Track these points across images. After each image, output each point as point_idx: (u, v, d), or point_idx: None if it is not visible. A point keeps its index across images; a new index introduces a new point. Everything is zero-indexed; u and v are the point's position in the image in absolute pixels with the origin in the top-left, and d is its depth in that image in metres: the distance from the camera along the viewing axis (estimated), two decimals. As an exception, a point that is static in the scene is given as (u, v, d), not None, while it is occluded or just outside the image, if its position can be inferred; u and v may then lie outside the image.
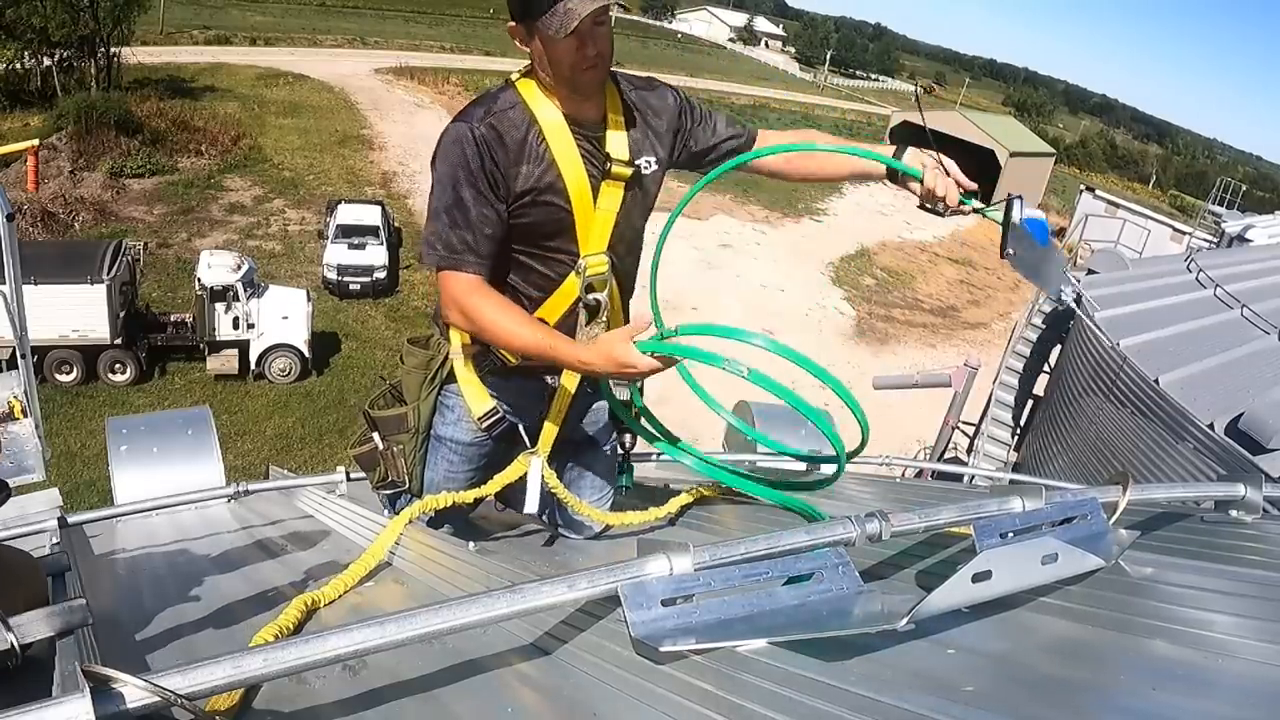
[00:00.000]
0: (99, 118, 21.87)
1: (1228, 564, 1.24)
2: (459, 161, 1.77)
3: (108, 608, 1.55)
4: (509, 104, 1.82)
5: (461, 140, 1.76)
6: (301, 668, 0.84)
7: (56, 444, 11.34)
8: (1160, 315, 7.51)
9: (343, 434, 13.16)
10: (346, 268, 17.66)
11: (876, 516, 1.13)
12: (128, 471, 2.34)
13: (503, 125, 1.79)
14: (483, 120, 1.78)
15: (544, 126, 1.82)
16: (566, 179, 1.84)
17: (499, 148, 1.78)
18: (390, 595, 1.66)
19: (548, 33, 1.69)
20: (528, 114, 1.82)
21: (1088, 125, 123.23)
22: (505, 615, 0.93)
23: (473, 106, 1.83)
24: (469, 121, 1.78)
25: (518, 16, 1.76)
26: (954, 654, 1.03)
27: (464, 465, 2.14)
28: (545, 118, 1.82)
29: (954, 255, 30.58)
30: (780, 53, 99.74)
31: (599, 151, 1.88)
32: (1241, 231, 14.40)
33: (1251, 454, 5.29)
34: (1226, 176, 33.91)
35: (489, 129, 1.77)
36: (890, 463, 3.50)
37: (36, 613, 0.90)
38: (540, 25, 1.70)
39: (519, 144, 1.80)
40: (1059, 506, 1.23)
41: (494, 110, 1.80)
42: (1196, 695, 0.91)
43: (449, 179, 1.78)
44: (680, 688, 0.97)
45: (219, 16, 45.27)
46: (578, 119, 1.85)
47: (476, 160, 1.77)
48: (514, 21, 1.78)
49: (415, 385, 2.06)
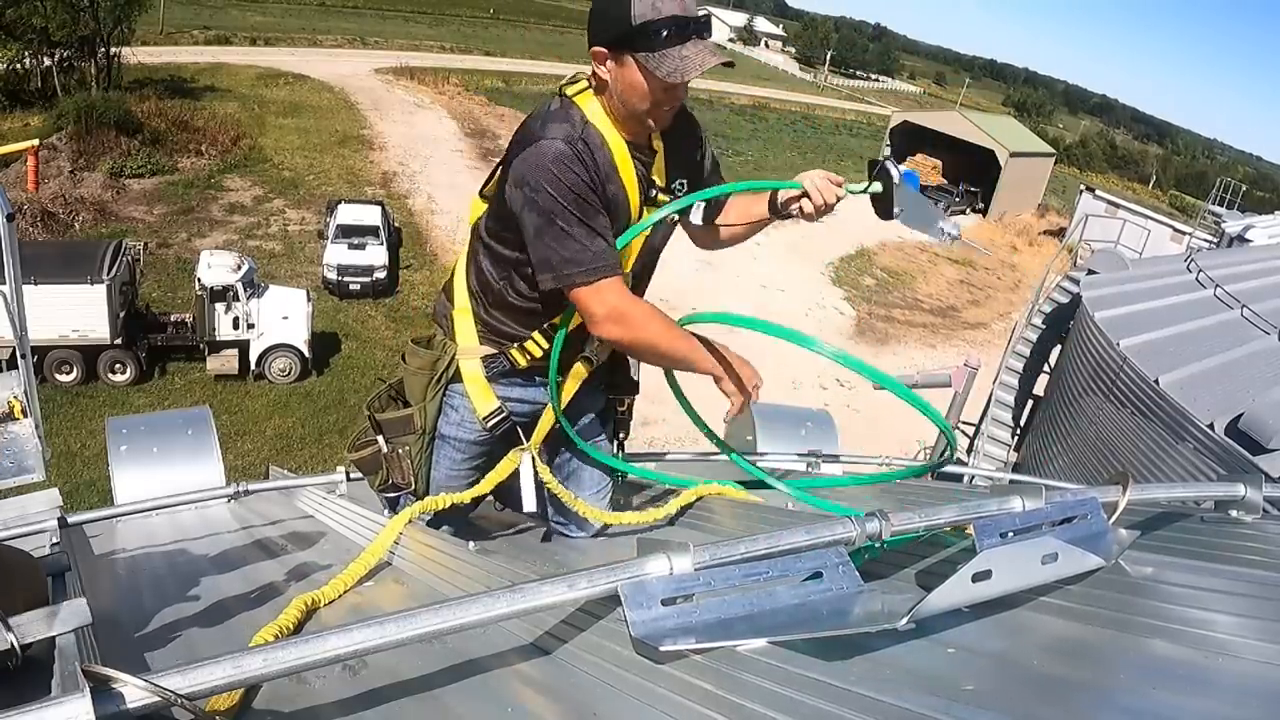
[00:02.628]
0: (99, 118, 21.86)
1: (1228, 564, 1.24)
2: (572, 179, 1.72)
3: (108, 608, 1.55)
4: (584, 123, 1.79)
5: (566, 158, 1.72)
6: (301, 668, 0.84)
7: (56, 444, 11.34)
8: (1160, 315, 7.51)
9: (343, 434, 13.16)
10: (346, 268, 17.66)
11: (876, 516, 1.13)
12: (128, 471, 2.34)
13: (592, 144, 1.78)
14: (576, 140, 1.75)
15: (614, 149, 1.82)
16: (630, 202, 1.87)
17: (594, 166, 1.77)
18: (390, 595, 1.66)
19: (652, 71, 1.68)
20: (600, 135, 1.80)
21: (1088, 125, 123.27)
22: (505, 615, 0.93)
23: (553, 124, 1.77)
24: (564, 140, 1.74)
25: (611, 44, 1.73)
26: (954, 653, 1.03)
27: (467, 463, 2.15)
28: (614, 141, 1.82)
29: (954, 255, 30.57)
30: (780, 53, 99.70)
31: (647, 176, 1.91)
32: (1241, 232, 14.40)
33: (1251, 454, 5.29)
34: (1226, 177, 33.88)
35: (584, 147, 1.75)
36: (890, 463, 3.49)
37: (36, 613, 0.90)
38: (643, 60, 1.68)
39: (606, 163, 1.81)
40: (1059, 506, 1.23)
41: (578, 129, 1.77)
42: (1196, 695, 0.91)
43: (567, 195, 1.72)
44: (680, 687, 0.97)
45: (219, 16, 45.26)
46: (635, 143, 1.86)
47: (586, 175, 1.75)
48: (601, 46, 1.75)
49: (420, 387, 2.06)
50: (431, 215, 22.97)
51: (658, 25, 1.64)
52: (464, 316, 2.02)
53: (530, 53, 54.35)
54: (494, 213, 1.91)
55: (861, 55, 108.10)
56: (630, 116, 1.80)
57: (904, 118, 40.28)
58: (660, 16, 1.64)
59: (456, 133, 31.58)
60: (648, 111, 1.77)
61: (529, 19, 73.97)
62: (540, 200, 1.72)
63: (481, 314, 2.01)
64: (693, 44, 1.68)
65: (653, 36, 1.65)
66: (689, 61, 1.67)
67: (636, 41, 1.67)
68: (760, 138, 41.88)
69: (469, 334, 2.02)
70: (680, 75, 1.67)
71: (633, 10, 1.65)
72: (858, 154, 43.63)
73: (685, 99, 1.84)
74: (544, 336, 1.97)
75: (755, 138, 41.25)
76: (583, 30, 1.81)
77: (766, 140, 41.94)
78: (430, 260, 20.52)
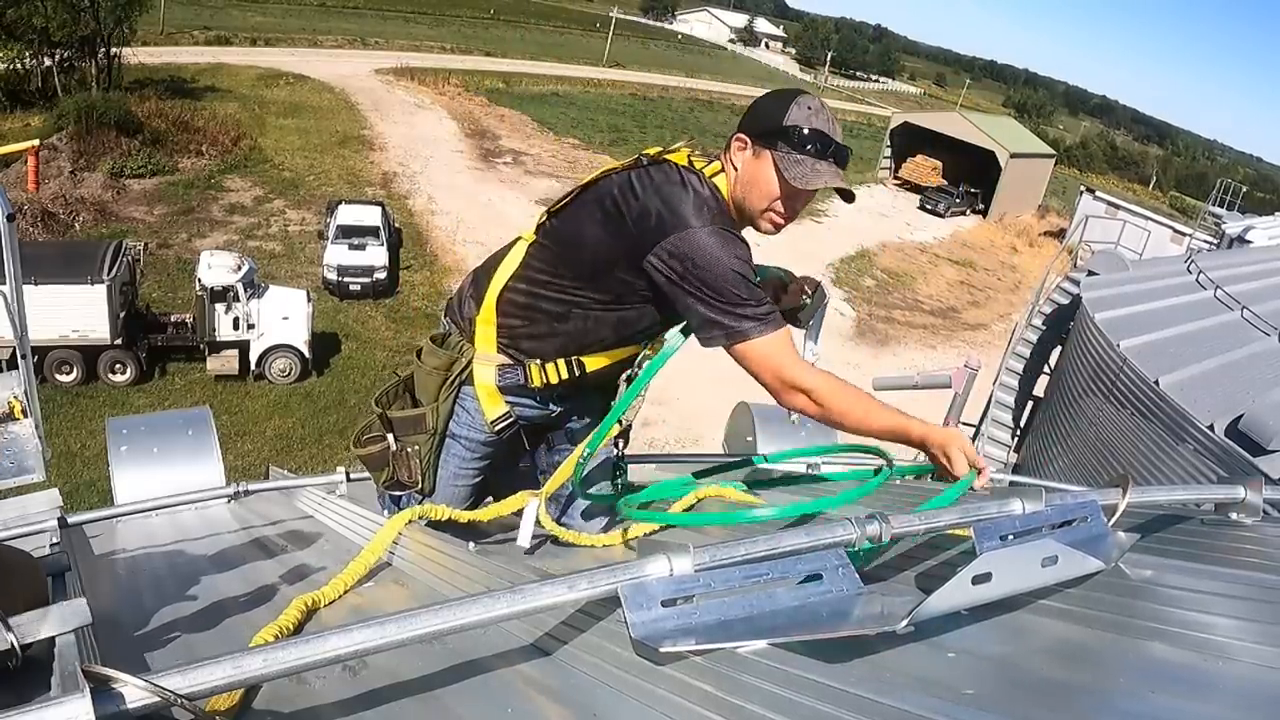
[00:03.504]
0: (99, 118, 21.88)
1: (1227, 566, 1.24)
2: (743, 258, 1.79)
3: (108, 608, 1.55)
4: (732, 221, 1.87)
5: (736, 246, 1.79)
6: (301, 668, 0.84)
7: (56, 444, 11.34)
8: (1160, 317, 7.51)
9: (343, 434, 13.16)
10: (347, 268, 17.68)
11: (876, 518, 1.13)
12: (128, 471, 2.34)
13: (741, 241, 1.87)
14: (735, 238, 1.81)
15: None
16: None
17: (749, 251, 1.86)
18: (390, 595, 1.66)
19: (783, 171, 1.81)
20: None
21: (1088, 126, 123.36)
22: (505, 615, 0.93)
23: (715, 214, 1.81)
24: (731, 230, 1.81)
25: (759, 136, 1.84)
26: (954, 656, 1.03)
27: (474, 463, 2.16)
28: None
29: (954, 256, 30.60)
30: (780, 54, 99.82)
31: None
32: (1242, 233, 14.42)
33: (1252, 456, 5.29)
34: (1227, 178, 33.91)
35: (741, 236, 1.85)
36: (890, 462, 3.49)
37: (36, 613, 0.90)
38: (779, 159, 1.81)
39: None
40: (1059, 508, 1.23)
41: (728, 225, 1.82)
42: (1196, 698, 0.91)
43: (744, 273, 1.78)
44: (680, 689, 0.97)
45: (219, 16, 45.28)
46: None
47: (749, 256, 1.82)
48: (747, 134, 1.86)
49: (434, 386, 2.06)
50: (432, 216, 22.98)
51: (804, 133, 1.80)
52: (487, 325, 2.02)
53: (530, 53, 54.41)
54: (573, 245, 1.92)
55: (862, 56, 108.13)
56: (742, 211, 1.90)
57: (904, 119, 40.29)
58: (809, 127, 1.80)
59: (457, 133, 31.61)
60: (761, 212, 1.88)
61: (529, 19, 73.89)
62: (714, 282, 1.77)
63: (513, 328, 2.01)
64: (828, 164, 1.82)
65: (796, 140, 1.80)
66: (818, 174, 1.81)
67: (780, 141, 1.81)
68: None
69: (489, 341, 2.02)
70: (806, 182, 1.80)
71: (789, 114, 1.82)
72: (858, 155, 43.52)
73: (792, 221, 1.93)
74: (567, 366, 2.00)
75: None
76: (582, 31, 1.82)
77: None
78: (430, 261, 20.53)
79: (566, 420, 2.21)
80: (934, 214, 35.27)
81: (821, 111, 1.84)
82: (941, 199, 35.79)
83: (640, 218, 1.80)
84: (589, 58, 55.73)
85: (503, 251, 2.07)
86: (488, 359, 2.03)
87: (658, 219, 1.79)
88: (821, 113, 1.83)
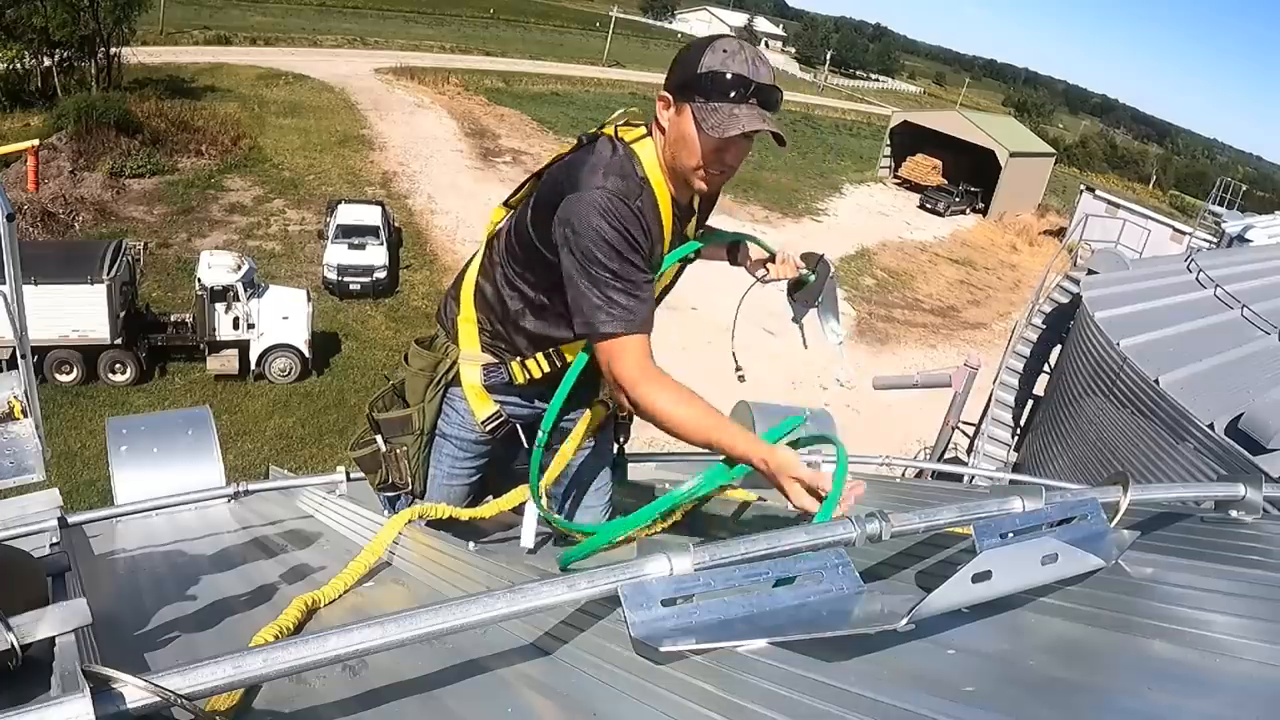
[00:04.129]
0: (99, 118, 21.85)
1: (1228, 564, 1.24)
2: (624, 232, 1.68)
3: (108, 608, 1.55)
4: (641, 181, 1.76)
5: (621, 215, 1.68)
6: (301, 668, 0.84)
7: (56, 444, 11.34)
8: (1160, 315, 7.51)
9: (343, 434, 13.16)
10: (346, 268, 17.67)
11: (876, 516, 1.13)
12: (128, 471, 2.34)
13: (645, 206, 1.74)
14: (634, 199, 1.71)
15: (663, 210, 1.80)
16: (665, 258, 1.87)
17: (647, 227, 1.74)
18: (390, 595, 1.66)
19: (700, 122, 1.66)
20: (655, 196, 1.78)
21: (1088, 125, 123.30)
22: (505, 615, 0.93)
23: (613, 176, 1.72)
24: (621, 197, 1.69)
25: (676, 89, 1.71)
26: (954, 654, 1.03)
27: (467, 462, 2.15)
28: (664, 201, 1.80)
29: (954, 255, 30.59)
30: (780, 53, 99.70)
31: (680, 233, 1.91)
32: (1241, 231, 14.40)
33: (1251, 454, 5.29)
34: (1226, 176, 33.87)
35: (639, 209, 1.72)
36: (890, 463, 3.50)
37: (36, 613, 0.90)
38: (697, 110, 1.67)
39: (655, 225, 1.78)
40: (1059, 507, 1.23)
41: (635, 189, 1.73)
42: (1196, 696, 0.91)
43: (616, 246, 1.68)
44: (680, 688, 0.97)
45: (219, 16, 45.25)
46: (677, 200, 1.84)
47: (639, 231, 1.71)
48: (668, 91, 1.73)
49: (420, 387, 2.06)
50: (431, 215, 22.97)
51: (719, 78, 1.65)
52: (468, 324, 2.02)
53: (530, 53, 54.37)
54: (520, 233, 1.88)
55: (862, 55, 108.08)
56: (678, 173, 1.78)
57: (904, 118, 40.26)
58: (724, 71, 1.65)
59: (456, 133, 31.58)
60: (694, 170, 1.74)
61: (529, 19, 73.86)
62: (584, 249, 1.68)
63: (487, 324, 2.00)
64: (749, 107, 1.66)
65: (711, 88, 1.65)
66: (735, 120, 1.65)
67: (697, 90, 1.67)
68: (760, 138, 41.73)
69: (472, 340, 2.02)
70: (723, 130, 1.64)
71: (704, 61, 1.66)
72: (857, 154, 43.63)
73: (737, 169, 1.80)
74: (547, 359, 1.97)
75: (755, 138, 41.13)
76: (582, 30, 1.82)
77: (766, 140, 41.78)
78: (430, 260, 20.53)
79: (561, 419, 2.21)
80: (934, 213, 35.26)
81: (740, 52, 1.67)
82: (941, 198, 35.77)
83: (552, 194, 1.75)
84: (589, 57, 55.67)
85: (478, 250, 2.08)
86: (472, 358, 2.02)
87: (560, 191, 1.75)
88: (739, 53, 1.67)
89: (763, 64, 1.68)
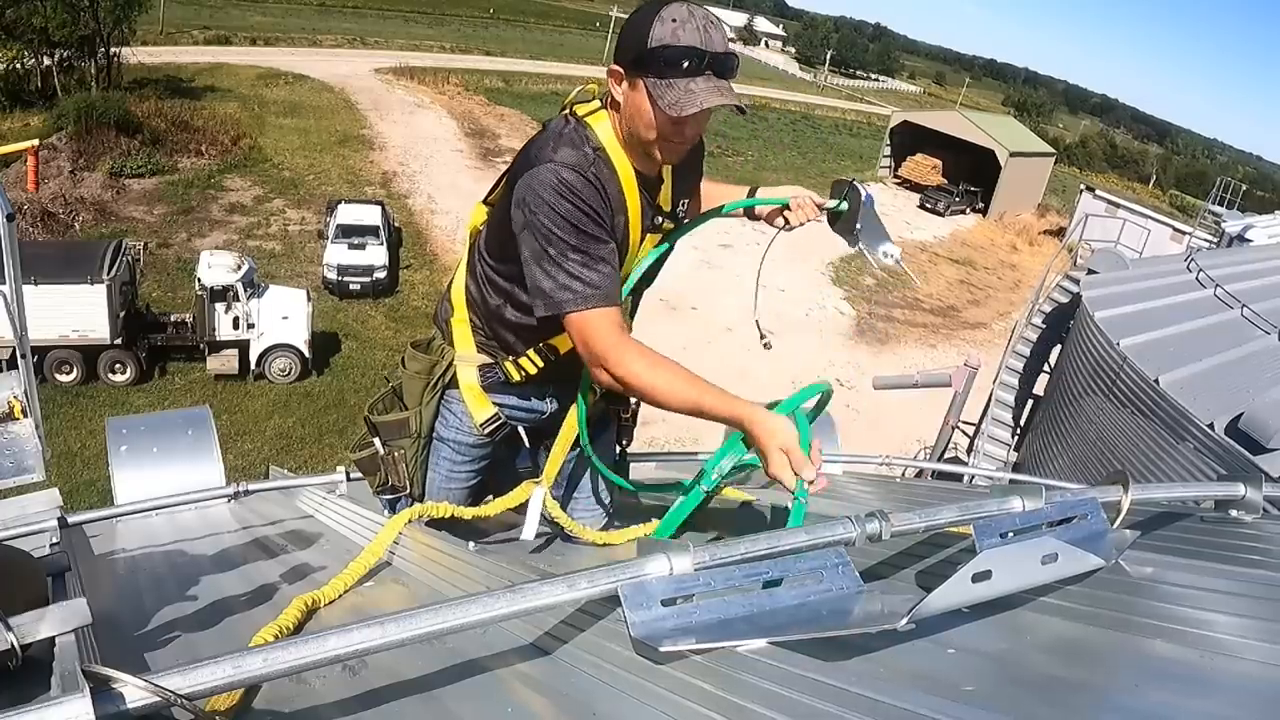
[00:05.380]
0: (99, 118, 21.89)
1: (1228, 564, 1.24)
2: (572, 209, 1.64)
3: (108, 608, 1.55)
4: (596, 151, 1.72)
5: (573, 187, 1.64)
6: (301, 668, 0.84)
7: (56, 444, 11.34)
8: (1160, 315, 7.51)
9: (343, 434, 13.17)
10: (346, 268, 17.68)
11: (876, 516, 1.13)
12: (128, 471, 2.34)
13: (602, 175, 1.70)
14: (587, 168, 1.67)
15: (624, 180, 1.76)
16: (632, 232, 1.82)
17: (605, 196, 1.70)
18: (390, 595, 1.66)
19: (656, 100, 1.61)
20: (612, 165, 1.74)
21: (1088, 125, 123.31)
22: (505, 615, 0.93)
23: (564, 148, 1.68)
24: (573, 168, 1.65)
25: (628, 64, 1.64)
26: (954, 654, 1.03)
27: (465, 466, 2.14)
28: (625, 171, 1.75)
29: (954, 255, 30.58)
30: (780, 53, 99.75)
31: (652, 204, 1.87)
32: (1241, 231, 14.40)
33: (1251, 454, 5.29)
34: (1226, 176, 33.86)
35: (594, 178, 1.68)
36: (890, 463, 3.50)
37: (36, 613, 0.90)
38: (651, 86, 1.61)
39: (615, 194, 1.74)
40: (1059, 506, 1.23)
41: (589, 158, 1.69)
42: (1196, 695, 0.91)
43: (571, 219, 1.63)
44: (680, 688, 0.97)
45: (219, 16, 45.31)
46: (642, 172, 1.80)
47: (596, 200, 1.66)
48: (619, 65, 1.67)
49: (417, 390, 2.06)
50: (431, 215, 22.98)
51: (671, 52, 1.57)
52: (461, 325, 2.01)
53: (530, 53, 54.40)
54: (494, 227, 1.87)
55: (861, 55, 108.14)
56: (637, 145, 1.73)
57: (904, 118, 40.25)
58: (676, 44, 1.57)
59: (456, 133, 31.59)
60: (653, 142, 1.69)
61: (529, 19, 73.91)
62: (539, 225, 1.65)
63: (478, 324, 2.00)
64: (705, 80, 1.59)
65: (664, 63, 1.58)
66: (693, 96, 1.57)
67: (649, 66, 1.60)
68: (760, 138, 41.81)
69: (466, 341, 2.01)
70: (680, 108, 1.58)
71: (652, 33, 1.58)
72: (857, 154, 43.65)
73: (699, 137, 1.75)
74: (539, 355, 1.95)
75: (755, 138, 41.19)
76: (582, 30, 1.81)
77: (766, 140, 41.90)
78: (430, 260, 20.54)
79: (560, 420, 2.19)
80: (934, 213, 35.24)
81: (689, 20, 1.58)
82: (941, 198, 35.76)
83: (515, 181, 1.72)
84: (589, 57, 55.65)
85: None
86: (468, 359, 2.01)
87: (516, 162, 1.73)
88: (689, 22, 1.57)
89: (714, 29, 1.60)
